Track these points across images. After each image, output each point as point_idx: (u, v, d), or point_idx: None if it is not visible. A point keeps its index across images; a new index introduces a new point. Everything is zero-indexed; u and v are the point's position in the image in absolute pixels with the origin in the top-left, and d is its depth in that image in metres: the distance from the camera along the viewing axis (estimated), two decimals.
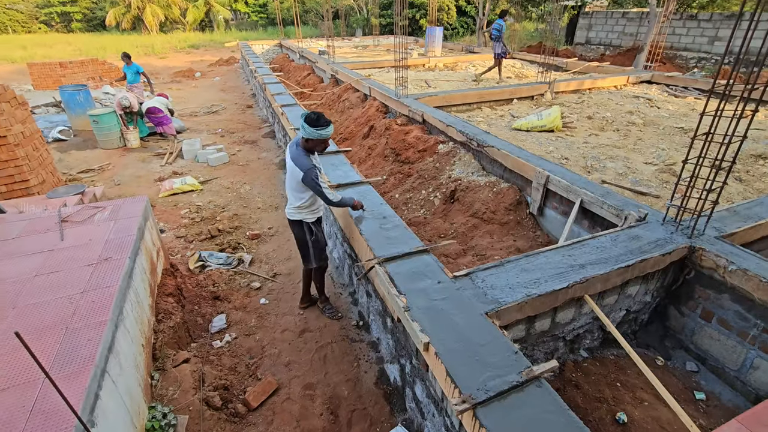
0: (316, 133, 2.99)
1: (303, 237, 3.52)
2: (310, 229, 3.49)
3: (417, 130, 7.07)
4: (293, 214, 3.43)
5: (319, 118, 2.98)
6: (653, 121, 7.14)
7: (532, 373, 2.01)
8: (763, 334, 2.83)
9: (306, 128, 2.99)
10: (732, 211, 3.61)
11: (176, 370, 2.95)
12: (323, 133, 3.02)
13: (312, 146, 3.13)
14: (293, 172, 3.16)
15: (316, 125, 2.98)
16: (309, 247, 3.56)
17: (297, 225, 3.47)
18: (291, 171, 3.19)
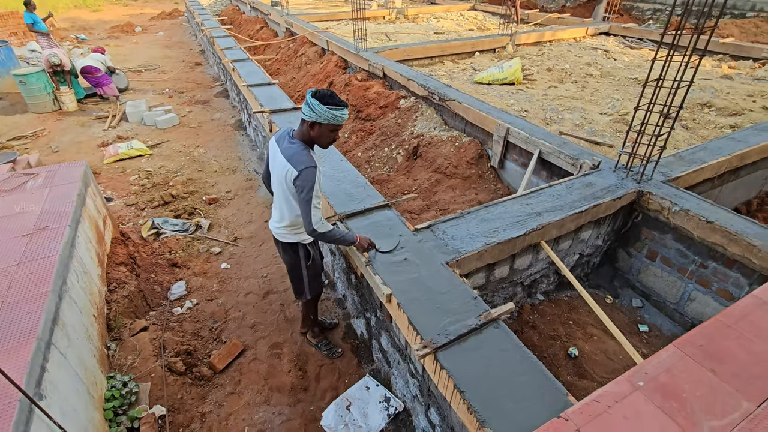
0: (330, 113, 2.03)
1: (296, 263, 2.59)
2: (306, 252, 2.57)
3: (378, 85, 6.84)
4: (286, 234, 2.47)
5: (332, 95, 2.06)
6: (609, 73, 7.25)
7: (490, 316, 2.08)
8: (700, 269, 3.06)
9: (316, 107, 2.01)
10: (678, 157, 3.78)
11: (134, 338, 2.85)
12: (339, 115, 2.06)
13: (318, 136, 2.13)
14: (286, 174, 2.17)
15: (331, 103, 2.03)
16: (303, 275, 2.62)
17: (289, 248, 2.55)
18: (282, 172, 2.19)
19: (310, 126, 2.10)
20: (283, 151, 2.19)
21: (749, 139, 4.06)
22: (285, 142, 2.21)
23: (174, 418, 2.54)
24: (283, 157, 2.18)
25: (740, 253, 2.74)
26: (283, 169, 2.18)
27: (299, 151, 2.14)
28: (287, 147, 2.18)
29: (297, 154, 2.13)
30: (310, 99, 2.03)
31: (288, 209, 2.36)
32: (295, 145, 2.17)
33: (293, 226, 2.43)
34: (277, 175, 2.27)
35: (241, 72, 6.53)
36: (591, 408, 1.62)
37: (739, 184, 4.31)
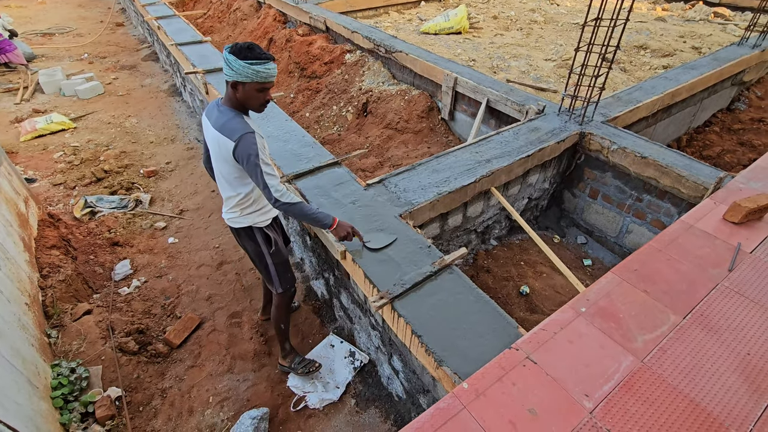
0: (250, 69, 1.73)
1: (258, 250, 2.26)
2: (266, 237, 2.24)
3: (321, 39, 6.48)
4: (236, 219, 2.16)
5: (252, 47, 1.75)
6: (553, 18, 7.28)
7: (444, 263, 2.11)
8: (636, 203, 3.26)
9: (234, 64, 1.73)
10: (616, 98, 3.91)
11: (77, 323, 2.68)
12: (262, 70, 1.76)
13: (245, 98, 1.83)
14: (221, 148, 1.87)
15: (250, 57, 1.73)
16: (269, 264, 2.30)
17: (245, 234, 2.22)
18: (217, 147, 1.90)
19: (233, 87, 1.82)
20: (213, 124, 1.90)
21: (679, 78, 4.26)
22: (214, 113, 1.92)
23: (132, 398, 2.45)
24: (214, 129, 1.88)
25: (671, 184, 2.93)
26: (217, 143, 1.88)
27: (230, 119, 1.85)
28: (217, 117, 1.89)
29: (228, 122, 1.84)
30: (227, 55, 1.74)
31: (231, 188, 2.05)
32: (224, 113, 1.88)
33: (240, 206, 2.11)
34: (213, 151, 1.96)
35: (168, 30, 5.93)
36: (539, 336, 1.71)
37: (670, 122, 4.56)
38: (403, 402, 2.42)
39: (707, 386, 1.53)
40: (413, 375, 2.18)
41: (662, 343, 1.68)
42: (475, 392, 1.52)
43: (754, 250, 2.13)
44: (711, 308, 1.82)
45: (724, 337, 1.70)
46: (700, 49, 5.84)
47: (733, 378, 1.56)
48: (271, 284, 2.39)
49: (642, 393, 1.50)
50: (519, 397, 1.49)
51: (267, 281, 2.42)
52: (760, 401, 1.49)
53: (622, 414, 1.44)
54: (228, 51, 1.76)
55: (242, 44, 1.76)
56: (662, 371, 1.58)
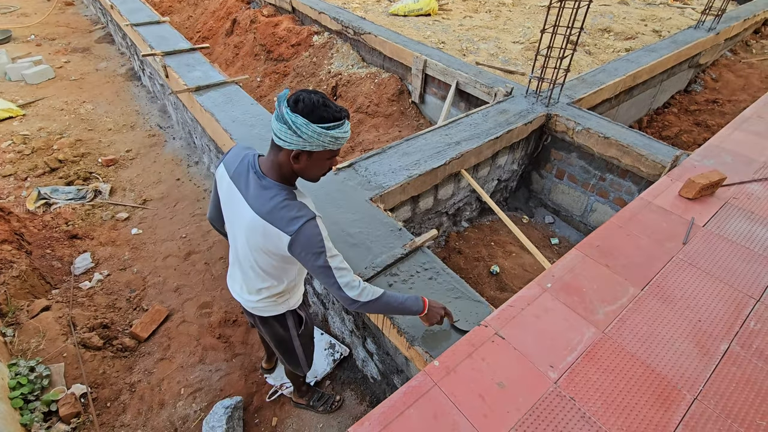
0: (327, 136, 1.23)
1: (284, 336, 1.83)
2: (297, 319, 1.83)
3: (287, 20, 6.28)
4: (267, 308, 1.69)
5: (325, 103, 1.22)
6: (521, 1, 7.31)
7: (414, 244, 2.13)
8: (599, 182, 3.37)
9: (303, 129, 1.20)
10: (581, 80, 3.99)
11: (35, 320, 2.55)
12: (340, 135, 1.26)
13: (306, 168, 1.33)
14: (266, 238, 1.36)
15: (327, 119, 1.21)
16: (296, 347, 1.88)
17: (273, 322, 1.77)
18: (250, 231, 1.39)
19: (295, 157, 1.27)
20: (250, 201, 1.36)
21: (641, 60, 4.39)
22: (251, 183, 1.37)
23: (99, 394, 2.37)
24: (252, 210, 1.35)
25: (631, 163, 3.04)
26: (254, 229, 1.37)
27: (281, 203, 1.32)
28: (256, 193, 1.35)
29: (279, 209, 1.31)
30: (290, 115, 1.19)
31: (267, 278, 1.56)
32: (269, 189, 1.34)
33: (280, 294, 1.65)
34: (243, 232, 1.43)
35: (122, 9, 5.59)
36: (507, 313, 1.76)
37: (632, 103, 4.71)
38: (378, 383, 2.45)
39: (662, 352, 1.62)
40: (387, 356, 2.20)
41: (621, 314, 1.76)
42: (446, 369, 1.55)
43: (707, 223, 2.24)
44: (666, 280, 1.92)
45: (678, 306, 1.80)
46: (660, 33, 6.03)
47: (685, 344, 1.65)
48: (296, 367, 1.96)
49: (603, 362, 1.58)
50: (488, 372, 1.53)
51: (289, 364, 1.96)
52: (709, 363, 1.59)
53: (585, 382, 1.51)
54: (290, 109, 1.20)
55: (313, 99, 1.21)
56: (621, 340, 1.65)
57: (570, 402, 1.45)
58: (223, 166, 1.48)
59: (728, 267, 2.00)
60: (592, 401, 1.45)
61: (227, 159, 1.48)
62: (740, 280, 1.93)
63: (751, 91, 5.37)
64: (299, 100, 1.20)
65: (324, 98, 1.23)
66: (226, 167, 1.46)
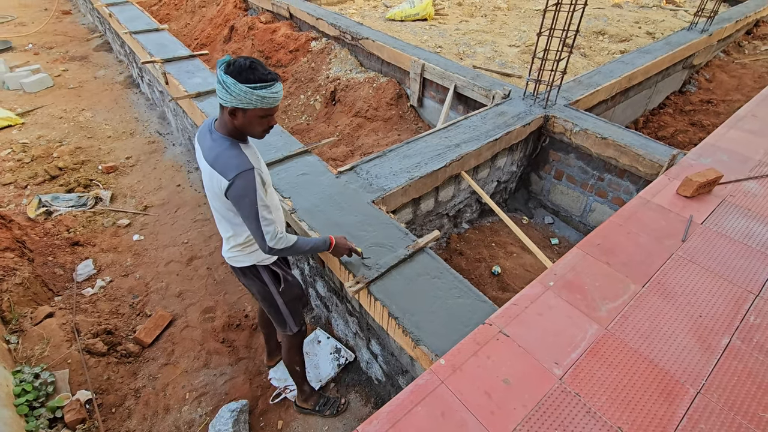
0: (253, 95, 1.43)
1: (265, 290, 1.96)
2: (273, 275, 1.96)
3: (285, 27, 6.32)
4: (238, 257, 1.86)
5: (254, 66, 1.43)
6: (516, 5, 7.39)
7: (417, 246, 2.15)
8: (598, 182, 3.41)
9: (232, 87, 1.41)
10: (577, 81, 4.04)
11: (39, 327, 2.55)
12: (268, 95, 1.45)
13: (244, 125, 1.53)
14: (214, 184, 1.59)
15: (253, 80, 1.42)
16: (279, 304, 2.02)
17: (250, 273, 1.92)
18: (209, 181, 1.61)
19: (231, 113, 1.49)
20: (205, 154, 1.59)
21: (635, 62, 4.44)
22: (207, 141, 1.60)
23: (104, 400, 2.37)
24: (206, 162, 1.58)
25: (629, 163, 3.08)
26: (210, 178, 1.59)
27: (224, 151, 1.54)
28: (210, 147, 1.58)
29: (222, 156, 1.54)
30: (222, 76, 1.41)
31: (229, 226, 1.76)
32: (218, 142, 1.56)
33: (243, 245, 1.81)
34: (207, 185, 1.64)
35: (121, 18, 5.62)
36: (510, 311, 1.78)
37: (628, 104, 4.77)
38: (382, 384, 2.46)
39: (665, 348, 1.64)
40: (392, 357, 2.22)
41: (624, 310, 1.78)
42: (452, 367, 1.56)
43: (705, 221, 2.28)
44: (667, 276, 1.95)
45: (679, 302, 1.83)
46: (653, 35, 6.10)
47: (687, 339, 1.68)
48: (283, 326, 2.09)
49: (606, 358, 1.60)
50: (493, 369, 1.55)
51: (277, 323, 2.11)
52: (711, 358, 1.61)
53: (589, 378, 1.53)
54: (224, 71, 1.42)
55: (242, 62, 1.42)
56: (624, 336, 1.68)
57: (575, 398, 1.47)
58: (196, 136, 1.71)
59: (727, 263, 2.02)
60: (597, 396, 1.47)
61: (198, 130, 1.71)
62: (739, 275, 1.96)
63: (745, 91, 5.44)
64: (230, 63, 1.44)
65: (253, 62, 1.45)
66: (197, 136, 1.70)
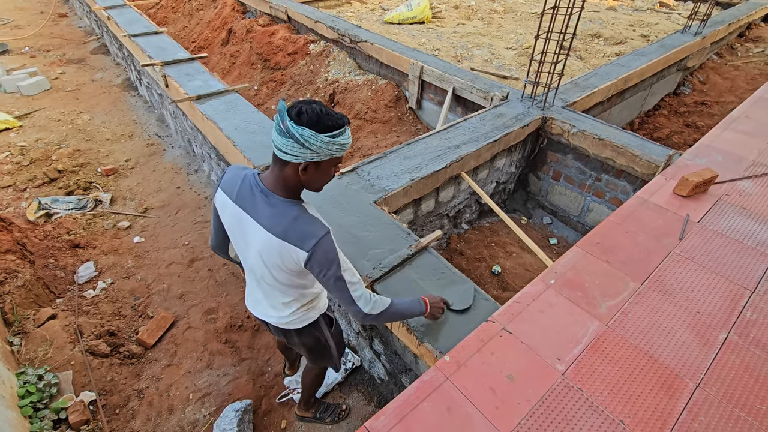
0: (334, 144, 1.21)
1: (319, 341, 1.79)
2: (328, 321, 1.83)
3: (283, 29, 6.36)
4: (299, 319, 1.66)
5: (327, 112, 1.20)
6: (512, 8, 7.47)
7: (420, 245, 2.17)
8: (595, 182, 3.45)
9: (311, 140, 1.17)
10: (574, 84, 4.10)
11: (42, 329, 2.55)
12: (344, 141, 1.24)
13: (312, 179, 1.30)
14: (283, 256, 1.34)
15: (330, 127, 1.19)
16: (332, 348, 1.86)
17: (308, 330, 1.73)
18: (265, 252, 1.36)
19: (304, 169, 1.25)
20: (261, 221, 1.33)
21: (631, 64, 4.51)
22: (258, 202, 1.34)
23: (107, 401, 2.38)
24: (265, 231, 1.33)
25: (626, 163, 3.12)
26: (270, 249, 1.34)
27: (294, 220, 1.30)
28: (267, 212, 1.32)
29: (292, 227, 1.29)
30: (296, 128, 1.16)
31: (294, 292, 1.55)
32: (281, 208, 1.31)
33: (307, 305, 1.65)
34: (258, 253, 1.39)
35: (119, 21, 5.63)
36: (513, 308, 1.81)
37: (624, 106, 4.83)
38: (385, 383, 2.48)
39: (664, 343, 1.67)
40: (395, 356, 2.24)
41: (624, 307, 1.82)
42: (457, 364, 1.59)
43: (701, 219, 2.32)
44: (665, 274, 1.98)
45: (677, 299, 1.86)
46: (648, 37, 6.18)
47: (686, 334, 1.71)
48: (330, 364, 1.94)
49: (608, 353, 1.63)
50: (497, 365, 1.58)
51: (323, 363, 1.97)
52: (709, 353, 1.65)
53: (591, 373, 1.56)
54: (296, 123, 1.17)
55: (315, 109, 1.18)
56: (624, 332, 1.71)
57: (578, 392, 1.50)
58: (222, 192, 1.43)
59: (723, 260, 2.07)
60: (599, 391, 1.50)
61: (225, 183, 1.43)
62: (735, 272, 2.00)
63: (738, 93, 5.53)
64: (302, 112, 1.17)
65: (324, 107, 1.21)
66: (226, 192, 1.41)
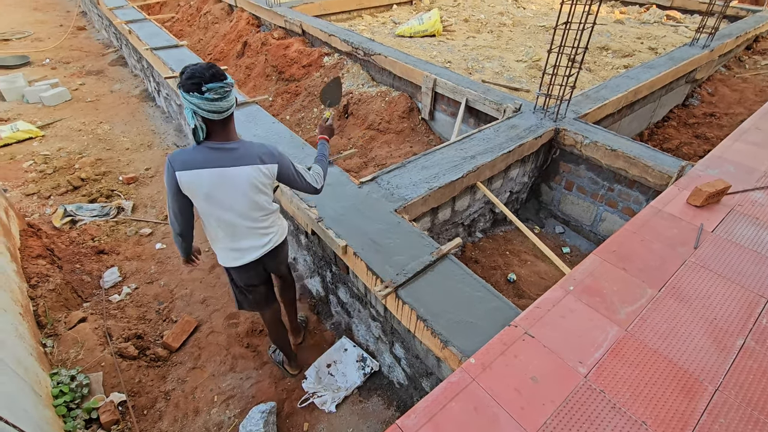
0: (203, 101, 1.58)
1: (286, 253, 2.33)
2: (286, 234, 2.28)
3: (297, 42, 6.52)
4: (280, 232, 2.11)
5: (195, 71, 1.57)
6: (521, 21, 7.61)
7: (441, 252, 2.25)
8: (608, 192, 3.52)
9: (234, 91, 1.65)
10: (585, 96, 4.18)
11: (73, 331, 2.64)
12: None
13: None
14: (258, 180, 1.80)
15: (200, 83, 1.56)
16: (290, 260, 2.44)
17: (281, 247, 2.18)
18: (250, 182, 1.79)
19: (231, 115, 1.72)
20: (238, 164, 1.73)
21: (640, 77, 4.59)
22: (226, 156, 1.71)
23: (136, 402, 2.45)
24: (245, 167, 1.75)
25: (639, 174, 3.19)
26: (256, 176, 1.77)
27: (253, 148, 1.77)
28: (239, 157, 1.73)
29: (258, 153, 1.77)
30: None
31: (263, 212, 1.94)
32: (240, 148, 1.74)
33: (278, 220, 2.10)
34: (243, 193, 1.79)
35: (141, 34, 5.82)
36: (534, 314, 1.87)
37: (634, 117, 4.90)
38: (404, 388, 2.54)
39: (683, 348, 1.73)
40: (416, 360, 2.30)
41: (642, 313, 1.87)
42: (482, 366, 1.65)
43: (715, 229, 2.38)
44: (681, 281, 2.04)
45: (694, 306, 1.92)
46: (656, 50, 6.28)
47: (703, 340, 1.76)
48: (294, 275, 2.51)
49: (628, 357, 1.68)
50: (521, 368, 1.64)
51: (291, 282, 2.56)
52: (727, 358, 1.70)
53: (613, 376, 1.61)
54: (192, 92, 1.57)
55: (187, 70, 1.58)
56: (644, 337, 1.76)
57: (600, 394, 1.55)
58: (188, 172, 1.70)
59: (738, 269, 2.12)
60: (621, 393, 1.56)
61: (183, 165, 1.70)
62: (751, 281, 2.05)
63: (747, 105, 5.59)
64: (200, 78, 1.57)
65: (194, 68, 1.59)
66: (194, 168, 1.71)
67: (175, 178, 1.70)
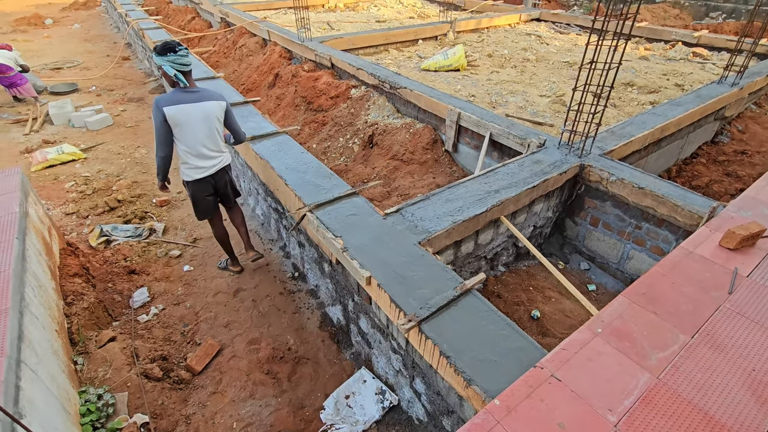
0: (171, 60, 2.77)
1: (230, 173, 3.44)
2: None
3: (326, 75, 6.80)
4: (226, 158, 3.31)
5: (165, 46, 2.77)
6: (544, 57, 7.73)
7: (465, 287, 2.25)
8: (635, 230, 3.46)
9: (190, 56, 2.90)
10: (610, 132, 4.18)
11: (102, 350, 2.72)
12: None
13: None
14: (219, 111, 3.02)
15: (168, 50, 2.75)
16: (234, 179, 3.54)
17: (224, 171, 3.35)
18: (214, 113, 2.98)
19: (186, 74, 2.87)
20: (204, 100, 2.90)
21: (667, 114, 4.57)
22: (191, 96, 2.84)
23: (157, 424, 2.48)
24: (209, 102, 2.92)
25: (668, 213, 3.14)
26: (218, 110, 2.99)
27: (212, 92, 2.99)
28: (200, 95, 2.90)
29: (212, 95, 2.97)
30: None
31: (219, 137, 3.13)
32: (203, 91, 2.92)
33: (223, 152, 3.25)
34: (207, 119, 2.92)
35: None
36: (561, 355, 1.83)
37: (660, 154, 4.85)
38: (424, 425, 2.49)
39: (719, 400, 1.65)
40: (437, 396, 2.26)
41: (674, 360, 1.81)
42: (507, 408, 1.62)
43: (750, 273, 2.30)
44: (716, 328, 1.97)
45: (730, 355, 1.84)
46: (682, 86, 6.25)
47: (741, 392, 1.69)
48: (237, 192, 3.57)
49: (661, 407, 1.62)
50: (548, 413, 1.60)
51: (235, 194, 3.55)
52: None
53: (645, 426, 1.55)
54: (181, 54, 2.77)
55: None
56: (677, 386, 1.70)
57: None
58: (173, 107, 2.78)
59: None
60: None
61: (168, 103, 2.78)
62: None
63: None
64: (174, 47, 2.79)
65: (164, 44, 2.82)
66: (178, 104, 2.80)
67: (162, 113, 2.76)
